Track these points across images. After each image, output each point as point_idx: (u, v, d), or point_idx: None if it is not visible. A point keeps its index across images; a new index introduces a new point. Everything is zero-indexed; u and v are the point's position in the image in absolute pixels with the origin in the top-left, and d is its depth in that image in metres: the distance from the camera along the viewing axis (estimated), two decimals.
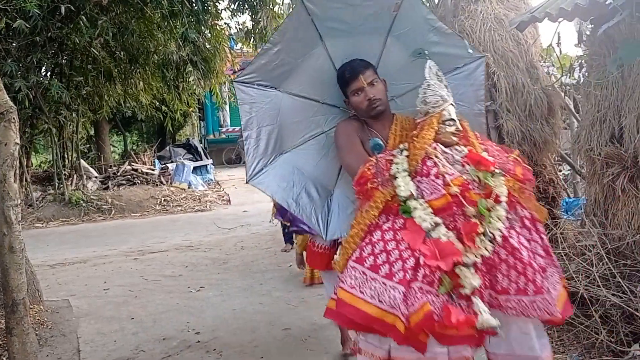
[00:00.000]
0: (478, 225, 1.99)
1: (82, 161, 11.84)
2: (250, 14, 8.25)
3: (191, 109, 12.00)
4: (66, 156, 11.63)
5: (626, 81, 3.30)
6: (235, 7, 8.30)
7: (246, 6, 8.13)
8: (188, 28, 7.05)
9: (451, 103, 2.21)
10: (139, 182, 11.92)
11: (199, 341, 3.92)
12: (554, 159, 4.70)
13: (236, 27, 9.30)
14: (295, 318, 4.25)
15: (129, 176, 12.08)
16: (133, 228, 8.90)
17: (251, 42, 8.77)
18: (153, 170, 12.62)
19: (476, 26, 4.26)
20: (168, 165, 12.96)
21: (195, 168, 13.04)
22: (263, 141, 2.49)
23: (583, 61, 3.96)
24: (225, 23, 9.28)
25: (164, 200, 10.79)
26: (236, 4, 8.20)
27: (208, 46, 8.52)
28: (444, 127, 2.16)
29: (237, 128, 16.16)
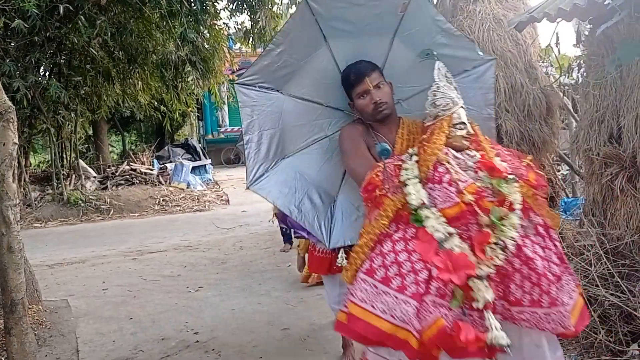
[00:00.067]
0: (490, 234, 1.91)
1: (81, 161, 11.84)
2: (249, 14, 8.26)
3: (190, 109, 11.99)
4: (64, 156, 11.62)
5: (625, 81, 3.30)
6: (234, 7, 8.31)
7: (245, 6, 8.13)
8: (187, 28, 7.05)
9: (461, 106, 2.13)
10: (138, 182, 11.92)
11: (198, 341, 3.92)
12: (553, 159, 4.71)
13: (235, 27, 9.31)
14: (294, 318, 4.25)
15: (128, 176, 12.08)
16: (132, 228, 8.89)
17: (250, 42, 8.77)
18: (152, 170, 12.62)
19: (475, 26, 4.26)
20: (167, 165, 12.95)
21: (194, 168, 13.04)
22: (264, 145, 2.41)
23: (581, 61, 3.96)
24: (224, 23, 9.28)
25: (163, 200, 10.79)
26: (235, 4, 8.21)
27: (207, 46, 8.51)
28: (455, 131, 2.07)
29: (236, 128, 16.16)
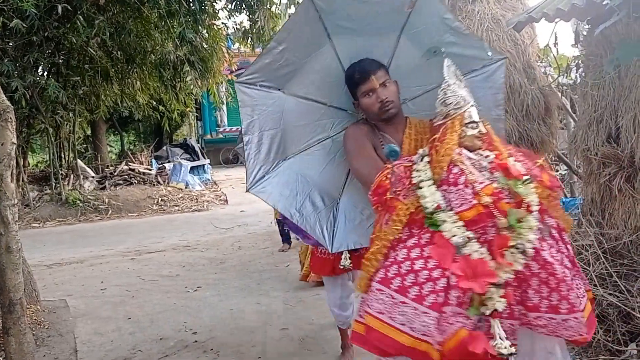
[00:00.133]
0: (509, 238, 1.83)
1: (79, 161, 11.83)
2: (247, 14, 8.25)
3: (188, 109, 11.98)
4: (63, 156, 11.61)
5: (623, 81, 3.31)
6: (232, 7, 8.30)
7: (243, 6, 8.12)
8: (185, 28, 7.03)
9: (473, 104, 2.04)
10: (136, 182, 11.91)
11: (196, 341, 3.92)
12: (551, 159, 4.72)
13: (233, 27, 9.29)
14: (292, 318, 4.25)
15: (126, 176, 12.07)
16: (130, 228, 8.89)
17: (248, 42, 8.76)
18: (150, 170, 12.61)
19: (473, 26, 4.27)
20: (165, 165, 12.94)
21: (192, 168, 13.04)
22: (265, 146, 2.32)
23: (580, 61, 3.97)
24: (222, 23, 9.27)
25: (161, 200, 10.78)
26: (233, 4, 8.20)
27: (205, 46, 8.50)
28: (467, 130, 1.98)
29: (235, 128, 16.16)
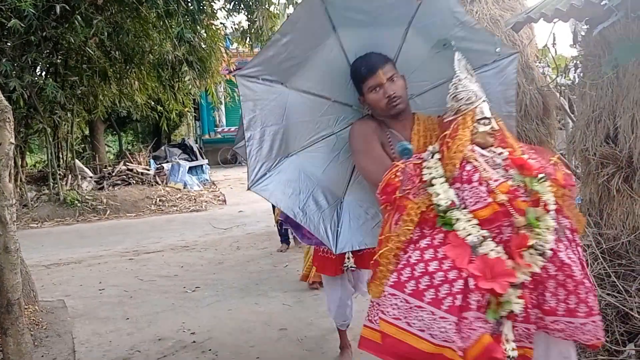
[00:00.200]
0: (528, 238, 1.76)
1: (77, 161, 11.81)
2: (246, 14, 8.25)
3: (187, 109, 11.96)
4: (61, 156, 11.59)
5: (621, 82, 3.31)
6: (231, 7, 8.30)
7: (242, 6, 8.13)
8: (183, 28, 7.04)
9: (484, 100, 1.98)
10: (134, 182, 11.89)
11: (195, 341, 3.92)
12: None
13: (232, 27, 9.29)
14: (291, 318, 4.25)
15: (124, 176, 12.05)
16: (128, 228, 8.88)
17: (247, 42, 8.76)
18: (148, 170, 12.60)
19: None
20: (163, 165, 12.93)
21: (190, 168, 13.02)
22: (267, 142, 2.23)
23: (578, 62, 3.96)
24: (221, 23, 9.28)
25: (160, 200, 10.77)
26: (232, 4, 8.20)
27: (204, 46, 8.50)
28: (479, 127, 1.92)
29: (233, 128, 16.14)
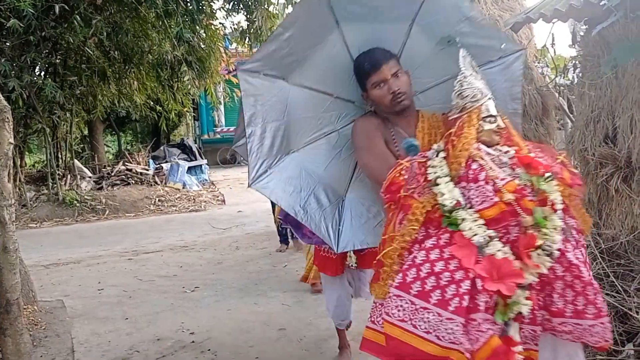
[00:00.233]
0: (536, 238, 1.74)
1: (76, 161, 11.80)
2: (245, 14, 8.26)
3: (186, 109, 11.97)
4: (60, 156, 11.58)
5: (620, 82, 3.31)
6: (230, 7, 8.31)
7: (241, 6, 8.13)
8: (183, 28, 7.04)
9: (490, 97, 1.95)
10: (133, 182, 11.89)
11: (194, 341, 3.92)
12: None
13: (231, 27, 9.30)
14: (290, 318, 4.25)
15: (123, 176, 12.05)
16: (127, 228, 8.87)
17: (246, 42, 8.77)
18: (147, 170, 12.59)
19: None
20: (162, 165, 12.92)
21: (189, 168, 13.02)
22: (268, 139, 2.18)
23: (577, 62, 3.97)
24: (220, 23, 9.29)
25: (159, 200, 10.76)
26: (231, 4, 8.21)
27: (203, 46, 8.51)
28: (484, 125, 1.90)
29: (232, 128, 16.11)
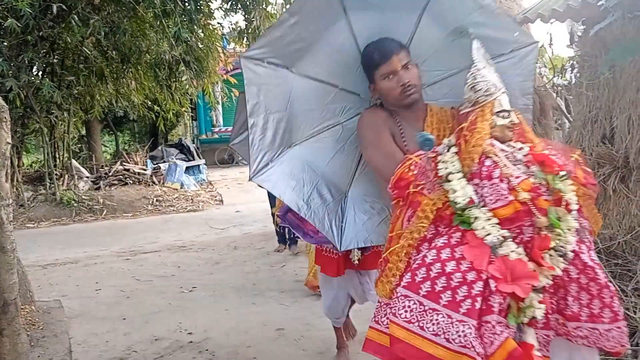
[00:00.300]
0: (550, 239, 1.68)
1: (74, 161, 11.77)
2: (243, 14, 8.26)
3: (184, 109, 11.96)
4: (57, 156, 11.56)
5: (617, 82, 3.32)
6: (228, 7, 8.32)
7: (239, 6, 8.14)
8: (181, 27, 7.04)
9: (504, 91, 1.87)
10: (131, 182, 11.86)
11: (191, 342, 3.91)
12: None
13: (229, 27, 9.31)
14: (288, 318, 4.24)
15: (121, 176, 12.02)
16: (125, 228, 8.86)
17: (244, 42, 8.77)
18: (145, 170, 12.57)
19: None
20: (160, 165, 12.90)
21: (187, 168, 13.01)
22: (270, 131, 2.09)
23: (575, 62, 3.98)
24: (218, 23, 9.29)
25: (156, 200, 10.75)
26: (229, 4, 8.23)
27: (201, 46, 8.51)
28: (497, 120, 1.82)
29: (230, 128, 16.07)
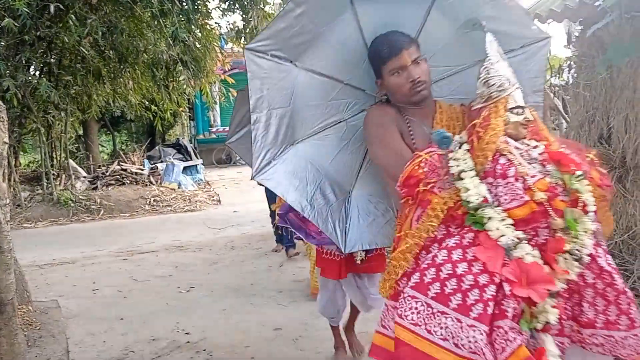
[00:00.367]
0: (564, 241, 1.62)
1: (71, 161, 11.76)
2: (241, 14, 8.25)
3: (181, 109, 11.95)
4: (54, 156, 11.55)
5: (614, 82, 3.34)
6: (225, 7, 8.31)
7: (237, 6, 8.13)
8: (178, 27, 7.02)
9: (518, 87, 1.81)
10: (128, 182, 11.85)
11: (189, 342, 3.91)
12: None
13: (227, 27, 9.30)
14: (286, 318, 4.24)
15: (118, 176, 12.01)
16: (122, 228, 8.85)
17: (242, 42, 8.76)
18: (142, 170, 12.56)
19: None
20: (157, 165, 12.89)
21: (185, 168, 13.00)
22: (273, 127, 2.01)
23: (572, 62, 3.99)
24: (215, 22, 9.28)
25: (154, 200, 10.74)
26: (227, 4, 8.21)
27: (198, 46, 8.48)
28: (510, 117, 1.76)
29: (227, 128, 16.07)
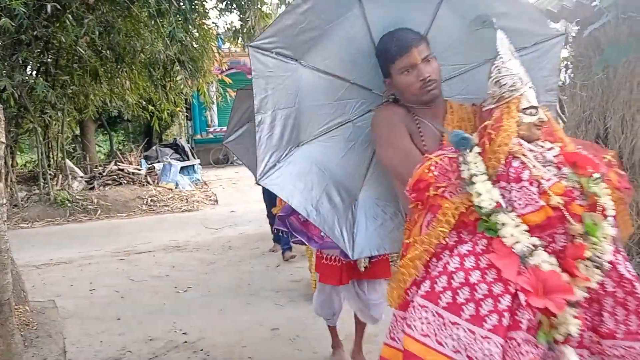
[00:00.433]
0: (584, 247, 1.55)
1: (68, 161, 11.73)
2: (238, 14, 8.25)
3: (178, 109, 11.93)
4: (51, 156, 11.52)
5: (611, 82, 3.35)
6: (223, 7, 8.30)
7: (234, 5, 8.13)
8: (175, 27, 7.03)
9: (531, 86, 1.74)
10: (125, 182, 11.83)
11: (186, 342, 3.91)
12: None
13: (224, 27, 9.29)
14: (283, 318, 4.24)
15: (115, 176, 11.99)
16: (119, 228, 8.83)
17: (239, 42, 8.76)
18: (139, 170, 12.54)
19: None
20: (155, 165, 12.87)
21: (182, 168, 12.97)
22: (278, 128, 1.93)
23: (569, 62, 4.00)
24: (213, 22, 9.28)
25: (151, 200, 10.72)
26: (224, 3, 8.21)
27: (195, 45, 8.49)
28: (523, 117, 1.68)
29: (225, 128, 16.04)
